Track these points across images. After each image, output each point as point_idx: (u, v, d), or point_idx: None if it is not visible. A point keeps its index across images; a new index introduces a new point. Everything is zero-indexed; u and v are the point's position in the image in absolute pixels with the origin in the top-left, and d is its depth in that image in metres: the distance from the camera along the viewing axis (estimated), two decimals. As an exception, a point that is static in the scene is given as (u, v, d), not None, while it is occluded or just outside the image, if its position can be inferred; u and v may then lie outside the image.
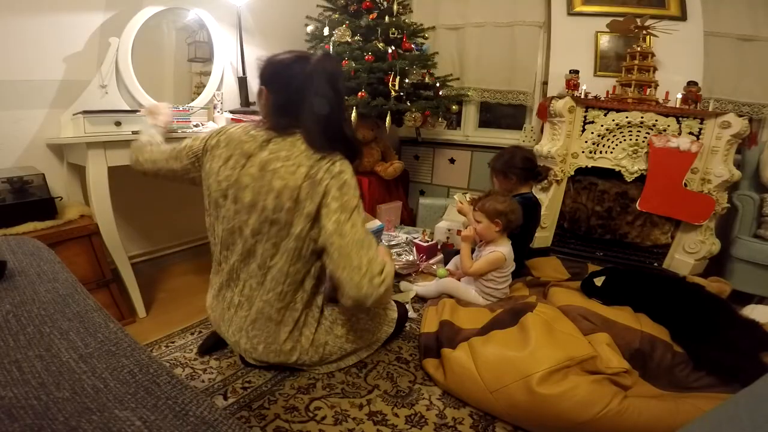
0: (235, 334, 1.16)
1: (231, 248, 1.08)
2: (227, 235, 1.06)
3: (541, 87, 2.83)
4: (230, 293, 1.14)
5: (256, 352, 1.15)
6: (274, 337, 1.13)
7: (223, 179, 1.01)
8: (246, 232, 1.01)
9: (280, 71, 1.00)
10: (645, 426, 0.98)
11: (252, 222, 0.98)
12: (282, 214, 0.95)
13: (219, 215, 1.06)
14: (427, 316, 1.52)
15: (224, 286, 1.15)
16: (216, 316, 1.21)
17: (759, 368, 1.10)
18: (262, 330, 1.12)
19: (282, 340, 1.13)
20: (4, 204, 1.37)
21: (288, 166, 0.95)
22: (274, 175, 0.95)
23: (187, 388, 0.56)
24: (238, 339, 1.16)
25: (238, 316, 1.13)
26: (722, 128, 1.98)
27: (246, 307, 1.11)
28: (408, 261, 2.11)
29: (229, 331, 1.17)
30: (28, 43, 1.56)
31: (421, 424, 1.08)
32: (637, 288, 1.49)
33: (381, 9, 2.43)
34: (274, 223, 0.97)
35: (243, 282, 1.10)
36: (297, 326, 1.14)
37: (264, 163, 0.97)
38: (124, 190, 1.71)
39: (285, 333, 1.13)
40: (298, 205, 0.95)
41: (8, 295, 0.73)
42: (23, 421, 0.44)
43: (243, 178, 0.98)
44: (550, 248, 2.40)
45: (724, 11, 2.31)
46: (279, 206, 0.95)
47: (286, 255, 1.01)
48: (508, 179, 1.86)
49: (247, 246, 1.02)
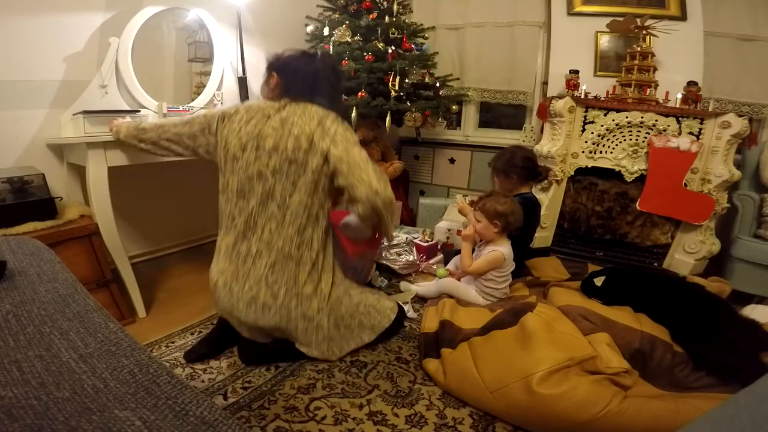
0: (252, 287, 1.17)
1: (248, 195, 1.16)
2: (245, 183, 1.15)
3: (541, 87, 2.83)
4: (247, 244, 1.18)
5: (275, 304, 1.17)
6: (295, 279, 1.19)
7: (244, 135, 1.15)
8: (266, 173, 1.13)
9: (291, 61, 1.23)
10: (645, 426, 0.98)
11: (273, 163, 1.12)
12: (300, 153, 1.11)
13: (235, 168, 1.16)
14: (427, 316, 1.52)
15: (239, 239, 1.19)
16: (227, 277, 1.20)
17: (759, 368, 1.10)
18: (282, 271, 1.17)
19: (302, 281, 1.20)
20: (4, 204, 1.37)
21: (304, 119, 1.13)
22: (292, 126, 1.12)
23: (187, 388, 0.56)
24: (256, 292, 1.17)
25: (256, 266, 1.17)
26: (722, 128, 1.98)
27: (265, 254, 1.17)
28: (408, 261, 2.11)
29: (245, 287, 1.17)
30: (28, 43, 1.56)
31: (421, 424, 1.08)
32: (637, 288, 1.49)
33: (381, 9, 2.43)
34: (292, 162, 1.12)
35: (261, 228, 1.16)
36: (315, 268, 1.21)
37: (283, 119, 1.14)
38: (124, 190, 1.71)
39: (305, 273, 1.20)
40: (313, 147, 1.12)
41: (8, 295, 0.73)
42: (23, 421, 0.44)
43: (265, 129, 1.14)
44: (550, 248, 2.40)
45: (724, 11, 2.31)
46: (297, 147, 1.11)
47: (304, 188, 1.14)
48: (509, 179, 1.86)
49: (267, 187, 1.14)
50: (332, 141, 1.12)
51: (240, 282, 1.18)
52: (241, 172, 1.15)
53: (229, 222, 1.21)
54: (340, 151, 1.12)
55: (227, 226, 1.22)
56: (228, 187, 1.19)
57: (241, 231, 1.18)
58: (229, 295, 1.20)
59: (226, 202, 1.21)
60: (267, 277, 1.17)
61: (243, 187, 1.16)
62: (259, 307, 1.18)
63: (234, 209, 1.18)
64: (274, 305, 1.17)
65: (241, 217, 1.17)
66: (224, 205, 1.22)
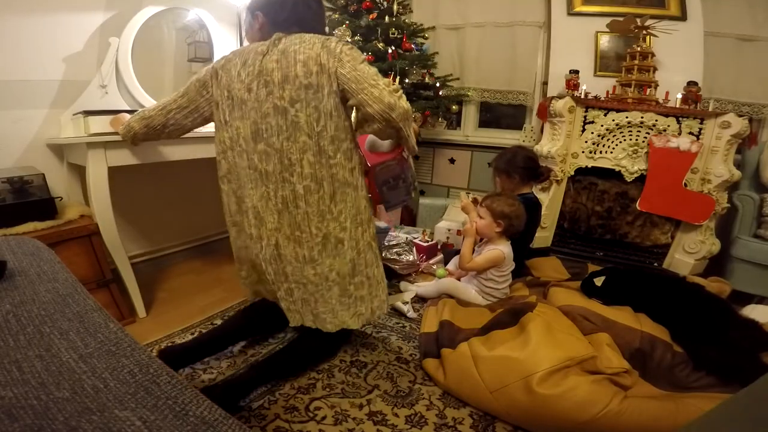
0: (321, 228, 1.09)
1: (267, 134, 1.05)
2: (261, 123, 1.05)
3: (541, 87, 2.83)
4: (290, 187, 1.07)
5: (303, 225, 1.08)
6: (357, 207, 1.13)
7: (246, 76, 1.06)
8: (284, 106, 1.04)
9: None
10: (645, 426, 0.98)
11: (287, 94, 1.03)
12: (313, 78, 1.02)
13: (245, 112, 1.07)
14: (427, 316, 1.52)
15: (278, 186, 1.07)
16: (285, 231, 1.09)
17: (759, 368, 1.10)
18: (344, 201, 1.10)
19: (363, 207, 1.15)
20: (4, 204, 1.37)
21: (305, 45, 1.04)
22: (296, 53, 1.03)
23: (187, 388, 0.56)
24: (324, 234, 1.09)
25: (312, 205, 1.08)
26: (722, 128, 1.98)
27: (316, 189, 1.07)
28: (408, 261, 2.11)
29: (313, 231, 1.08)
30: (28, 43, 1.56)
31: (421, 424, 1.08)
32: (637, 288, 1.49)
33: (381, 9, 2.43)
34: (308, 87, 1.03)
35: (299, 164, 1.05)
36: (340, 191, 1.10)
37: (282, 50, 1.05)
38: (124, 190, 1.71)
39: (364, 199, 1.15)
40: (323, 68, 1.03)
41: (8, 295, 0.73)
42: (23, 421, 0.44)
43: (267, 65, 1.04)
44: (550, 248, 2.40)
45: (724, 11, 2.31)
46: (308, 72, 1.02)
47: (329, 113, 1.05)
48: (510, 179, 1.86)
49: (289, 120, 1.04)
50: (339, 61, 1.03)
51: (305, 229, 1.07)
52: (253, 113, 1.05)
53: (252, 174, 1.09)
54: (347, 70, 1.03)
55: (250, 179, 1.09)
56: (240, 135, 1.08)
57: (277, 174, 1.06)
58: (296, 246, 1.09)
59: (240, 153, 1.09)
60: (330, 209, 1.08)
61: (259, 128, 1.06)
62: (332, 245, 1.10)
63: (254, 156, 1.07)
64: (346, 238, 1.11)
65: (269, 162, 1.06)
66: (239, 159, 1.10)
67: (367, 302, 1.22)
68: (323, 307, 1.17)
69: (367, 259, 1.19)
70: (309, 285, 1.14)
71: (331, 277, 1.14)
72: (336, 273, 1.14)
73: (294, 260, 1.12)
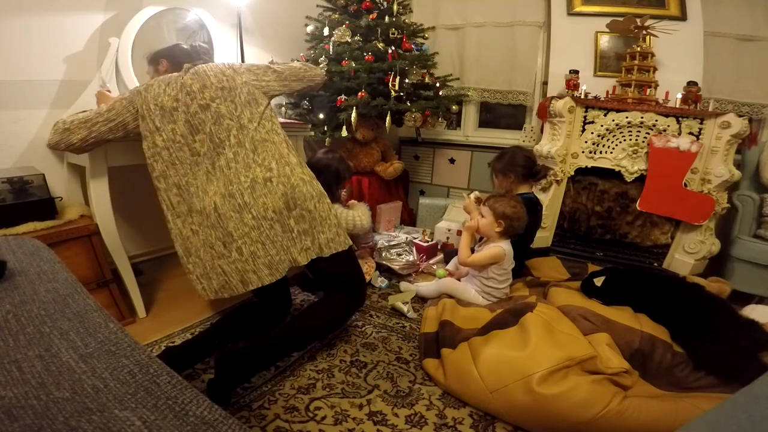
0: (248, 174, 1.24)
1: (200, 127, 1.25)
2: (192, 119, 1.25)
3: (541, 87, 2.83)
4: (224, 157, 1.25)
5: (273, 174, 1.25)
6: (279, 153, 1.30)
7: (171, 90, 1.27)
8: (206, 103, 1.27)
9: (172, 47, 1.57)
10: (645, 426, 0.98)
11: (207, 95, 1.27)
12: (225, 82, 1.30)
13: (176, 118, 1.25)
14: (427, 316, 1.52)
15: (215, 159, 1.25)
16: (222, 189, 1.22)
17: (759, 368, 1.10)
18: (265, 151, 1.28)
19: (286, 153, 1.32)
20: (4, 204, 1.37)
21: (211, 66, 1.34)
22: (206, 71, 1.31)
23: (187, 388, 0.56)
24: (252, 175, 1.24)
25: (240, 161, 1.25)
26: (722, 128, 1.98)
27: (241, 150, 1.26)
28: (408, 261, 2.11)
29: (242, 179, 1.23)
30: (28, 43, 1.56)
31: (421, 424, 1.08)
32: (637, 288, 1.49)
33: (381, 9, 2.43)
34: (224, 88, 1.29)
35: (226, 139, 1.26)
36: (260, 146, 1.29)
37: (195, 71, 1.31)
38: (124, 190, 1.71)
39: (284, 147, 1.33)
40: (232, 78, 1.31)
41: (8, 295, 0.73)
42: (23, 421, 0.44)
43: (186, 81, 1.28)
44: (550, 248, 2.40)
45: (724, 11, 2.31)
46: (220, 80, 1.30)
47: (245, 100, 1.31)
48: (507, 178, 1.87)
49: (213, 111, 1.27)
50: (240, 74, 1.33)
51: (236, 181, 1.23)
52: (183, 115, 1.25)
53: (196, 159, 1.25)
54: (248, 77, 1.34)
55: (195, 162, 1.25)
56: (177, 134, 1.24)
57: (212, 152, 1.25)
58: (230, 199, 1.21)
59: (181, 147, 1.25)
60: (254, 160, 1.26)
61: (192, 123, 1.25)
62: (260, 185, 1.23)
63: (195, 145, 1.25)
64: (273, 176, 1.25)
65: (204, 146, 1.25)
66: (179, 152, 1.25)
67: (310, 236, 1.29)
68: (272, 247, 1.23)
69: (304, 193, 1.28)
70: (252, 232, 1.21)
71: (268, 215, 1.23)
72: (272, 210, 1.23)
73: (232, 212, 1.21)
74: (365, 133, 2.58)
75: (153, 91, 1.27)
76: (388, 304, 1.72)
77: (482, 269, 1.64)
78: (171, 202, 1.25)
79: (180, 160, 1.25)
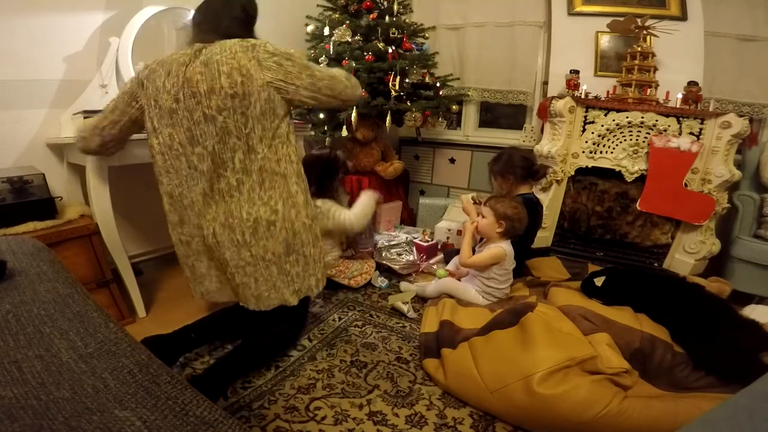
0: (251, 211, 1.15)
1: (202, 139, 1.12)
2: (194, 129, 1.11)
3: (542, 87, 2.83)
4: (225, 180, 1.14)
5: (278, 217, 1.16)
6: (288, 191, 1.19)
7: (171, 86, 1.10)
8: (212, 114, 1.09)
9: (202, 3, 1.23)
10: (645, 426, 0.98)
11: (214, 103, 1.08)
12: (238, 87, 1.07)
13: (176, 120, 1.12)
14: (427, 316, 1.52)
15: (214, 180, 1.14)
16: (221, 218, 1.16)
17: (759, 368, 1.10)
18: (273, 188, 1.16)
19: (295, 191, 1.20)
20: (4, 204, 1.37)
21: (227, 56, 1.08)
22: (219, 65, 1.07)
23: (187, 388, 0.56)
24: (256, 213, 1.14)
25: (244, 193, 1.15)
26: (722, 128, 1.98)
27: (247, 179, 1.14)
28: (408, 261, 2.11)
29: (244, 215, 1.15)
30: (28, 42, 1.56)
31: (421, 424, 1.08)
32: (637, 288, 1.49)
33: (381, 9, 2.42)
34: (234, 96, 1.07)
35: (230, 160, 1.13)
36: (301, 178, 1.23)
37: (205, 61, 1.08)
38: (124, 190, 1.71)
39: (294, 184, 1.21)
40: (251, 79, 1.08)
41: (8, 295, 0.73)
42: (23, 421, 0.44)
43: (192, 75, 1.08)
44: (550, 248, 2.40)
45: (725, 11, 2.31)
46: (233, 83, 1.07)
47: (258, 116, 1.11)
48: (505, 179, 1.88)
49: (219, 126, 1.10)
50: (266, 69, 1.09)
51: (237, 215, 1.14)
52: (185, 121, 1.11)
53: (193, 173, 1.15)
54: (273, 74, 1.10)
55: (191, 177, 1.16)
56: (175, 141, 1.13)
57: (212, 172, 1.14)
58: (230, 232, 1.15)
59: (178, 157, 1.15)
60: (260, 196, 1.15)
61: (194, 134, 1.12)
62: (263, 228, 1.16)
63: (192, 158, 1.13)
64: (277, 220, 1.16)
65: (204, 162, 1.13)
66: (176, 161, 1.15)
67: (302, 279, 1.27)
68: (264, 285, 1.22)
69: (303, 239, 1.24)
70: (247, 267, 1.19)
71: (267, 257, 1.19)
72: (271, 253, 1.19)
73: (230, 245, 1.17)
74: (365, 133, 2.58)
75: (154, 81, 1.14)
76: (388, 304, 1.72)
77: (483, 269, 1.64)
78: (164, 208, 1.23)
79: (175, 169, 1.16)
